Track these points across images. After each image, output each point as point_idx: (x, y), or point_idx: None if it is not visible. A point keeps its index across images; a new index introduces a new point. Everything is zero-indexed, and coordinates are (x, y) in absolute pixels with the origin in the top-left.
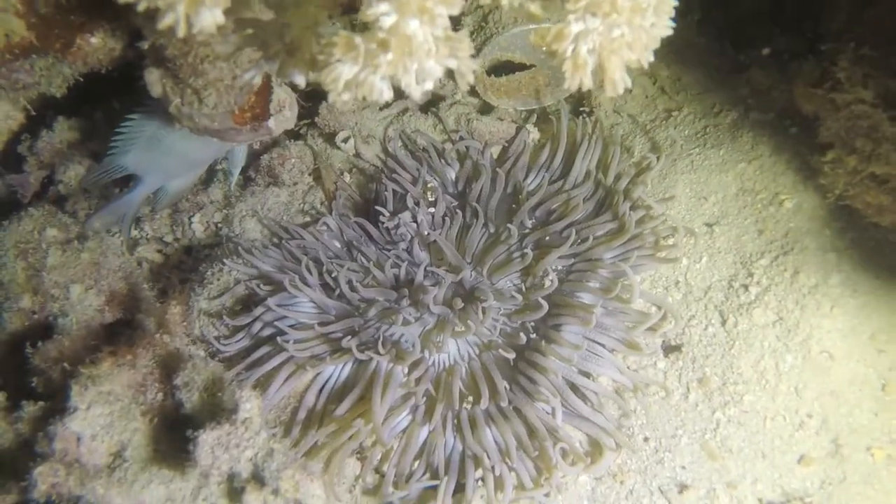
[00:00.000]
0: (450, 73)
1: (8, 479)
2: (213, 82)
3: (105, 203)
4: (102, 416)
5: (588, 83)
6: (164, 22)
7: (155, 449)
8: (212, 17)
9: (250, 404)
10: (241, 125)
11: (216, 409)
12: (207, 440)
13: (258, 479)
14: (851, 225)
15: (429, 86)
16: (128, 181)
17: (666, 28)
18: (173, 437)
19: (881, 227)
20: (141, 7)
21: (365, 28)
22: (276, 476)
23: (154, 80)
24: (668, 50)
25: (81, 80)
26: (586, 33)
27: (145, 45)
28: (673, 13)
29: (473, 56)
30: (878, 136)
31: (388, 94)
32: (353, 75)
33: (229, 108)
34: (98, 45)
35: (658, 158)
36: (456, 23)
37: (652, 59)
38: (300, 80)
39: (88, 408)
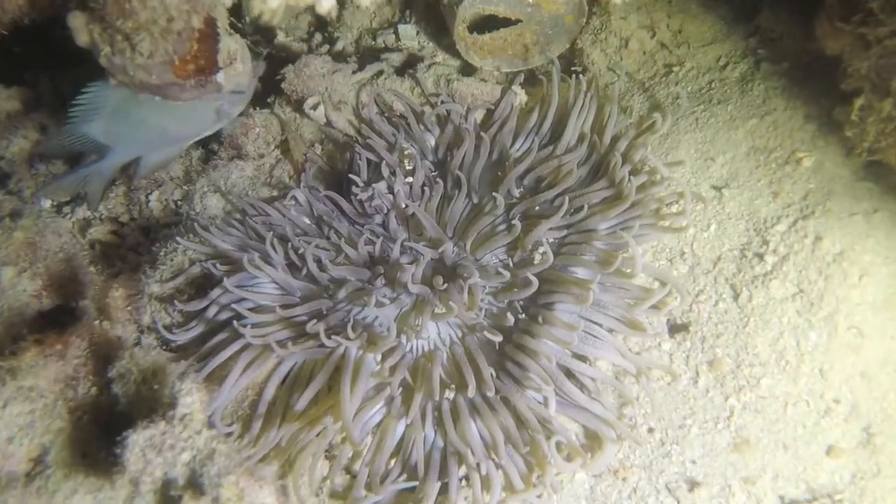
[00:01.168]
0: (427, 35)
1: None
2: (144, 24)
3: (65, 172)
4: (22, 416)
5: None
6: None
7: (83, 452)
8: None
9: (191, 398)
10: (184, 78)
11: (155, 406)
12: (138, 441)
13: (196, 486)
14: (882, 183)
15: None
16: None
17: None
18: (108, 438)
19: None
20: None
21: None
22: (216, 482)
23: (79, 25)
24: None
25: (6, 34)
26: None
27: None
28: None
29: None
30: None
31: (327, 3)
32: None
33: (167, 57)
34: None
35: (663, 118)
36: None
37: None
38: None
39: (5, 406)
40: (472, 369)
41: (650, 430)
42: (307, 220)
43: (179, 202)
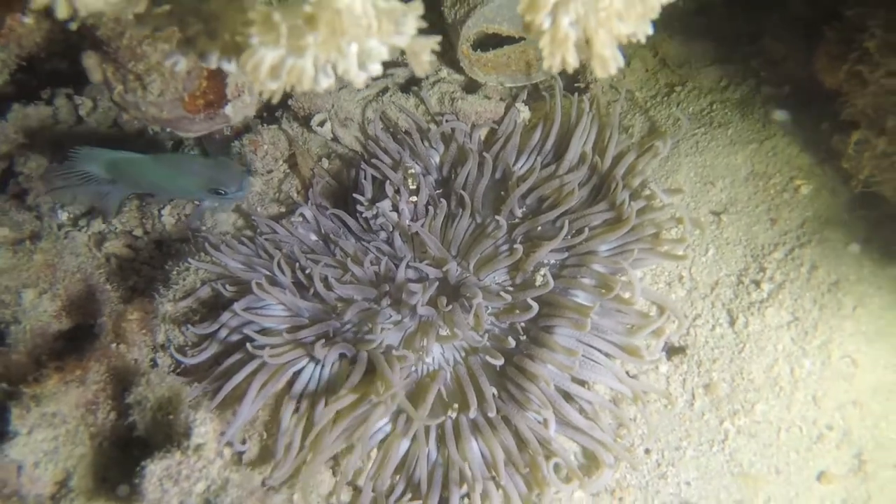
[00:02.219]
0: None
1: None
2: (155, 66)
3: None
4: (46, 442)
5: (572, 61)
6: (37, 2)
7: (104, 477)
8: None
9: (204, 428)
10: (194, 113)
11: (170, 432)
12: (155, 472)
13: None
14: (878, 214)
15: (375, 69)
16: None
17: None
18: (127, 462)
19: None
20: None
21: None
22: None
23: (93, 65)
24: (672, 17)
25: (24, 64)
26: (567, 2)
27: (74, 26)
28: None
29: (426, 31)
30: None
31: (325, 82)
32: (278, 60)
33: (178, 94)
34: (31, 26)
35: (664, 143)
36: None
37: (650, 31)
38: (229, 67)
39: (30, 432)
40: (474, 389)
41: (647, 452)
42: (314, 237)
43: (189, 216)
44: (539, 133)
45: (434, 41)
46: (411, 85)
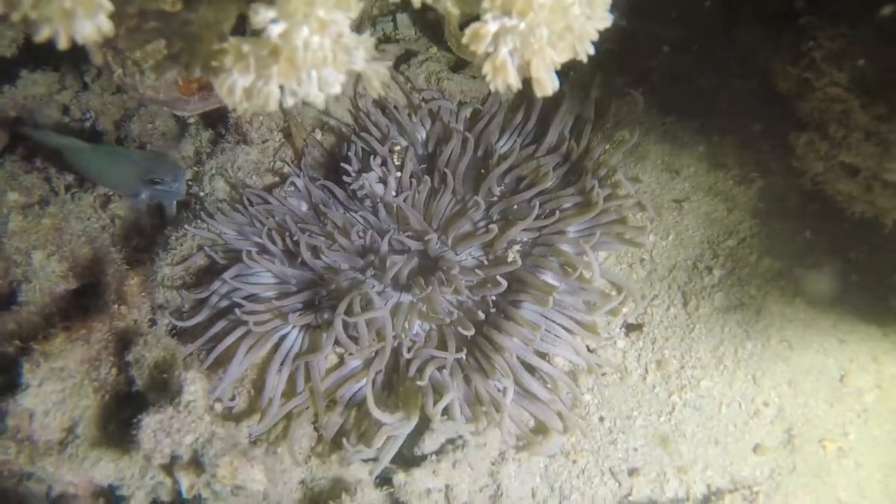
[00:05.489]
0: (424, 26)
1: None
2: (152, 53)
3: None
4: (54, 393)
5: (514, 83)
6: (41, 35)
7: (105, 426)
8: (94, 27)
9: (195, 387)
10: (189, 95)
11: (165, 388)
12: (150, 424)
13: (198, 463)
14: (824, 210)
15: (334, 91)
16: None
17: (603, 20)
18: (127, 413)
19: (853, 214)
20: (14, 17)
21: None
22: (214, 462)
23: (94, 48)
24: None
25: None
26: (505, 32)
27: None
28: (609, 4)
29: (377, 59)
30: (849, 123)
31: (292, 100)
32: (249, 84)
33: (173, 78)
34: None
35: (631, 134)
36: None
37: (591, 52)
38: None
39: (41, 384)
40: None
41: (601, 419)
42: (305, 207)
43: (190, 182)
44: (521, 114)
45: (384, 67)
46: (402, 62)
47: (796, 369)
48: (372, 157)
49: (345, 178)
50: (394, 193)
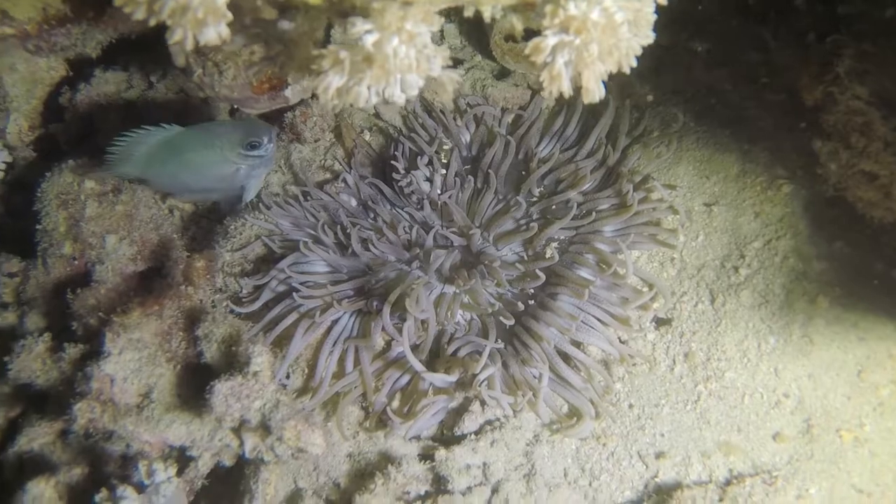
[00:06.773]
0: (469, 36)
1: (55, 411)
2: (231, 56)
3: None
4: (132, 361)
5: (566, 91)
6: (174, 39)
7: (178, 393)
8: (216, 33)
9: (261, 359)
10: (259, 94)
11: (232, 361)
12: (222, 390)
13: (265, 427)
14: (845, 215)
15: (414, 93)
16: None
17: (647, 38)
18: (195, 383)
19: (873, 220)
20: (151, 22)
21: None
22: (280, 426)
23: (177, 50)
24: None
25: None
26: (562, 46)
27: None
28: (652, 23)
29: (450, 66)
30: (870, 134)
31: (374, 100)
32: (342, 84)
33: (247, 80)
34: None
35: (668, 149)
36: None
37: (634, 65)
38: (303, 84)
39: (120, 353)
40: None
41: (630, 406)
42: (354, 203)
43: None
44: (561, 119)
45: (456, 75)
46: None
47: (816, 363)
48: (419, 156)
49: (394, 175)
50: (439, 191)
